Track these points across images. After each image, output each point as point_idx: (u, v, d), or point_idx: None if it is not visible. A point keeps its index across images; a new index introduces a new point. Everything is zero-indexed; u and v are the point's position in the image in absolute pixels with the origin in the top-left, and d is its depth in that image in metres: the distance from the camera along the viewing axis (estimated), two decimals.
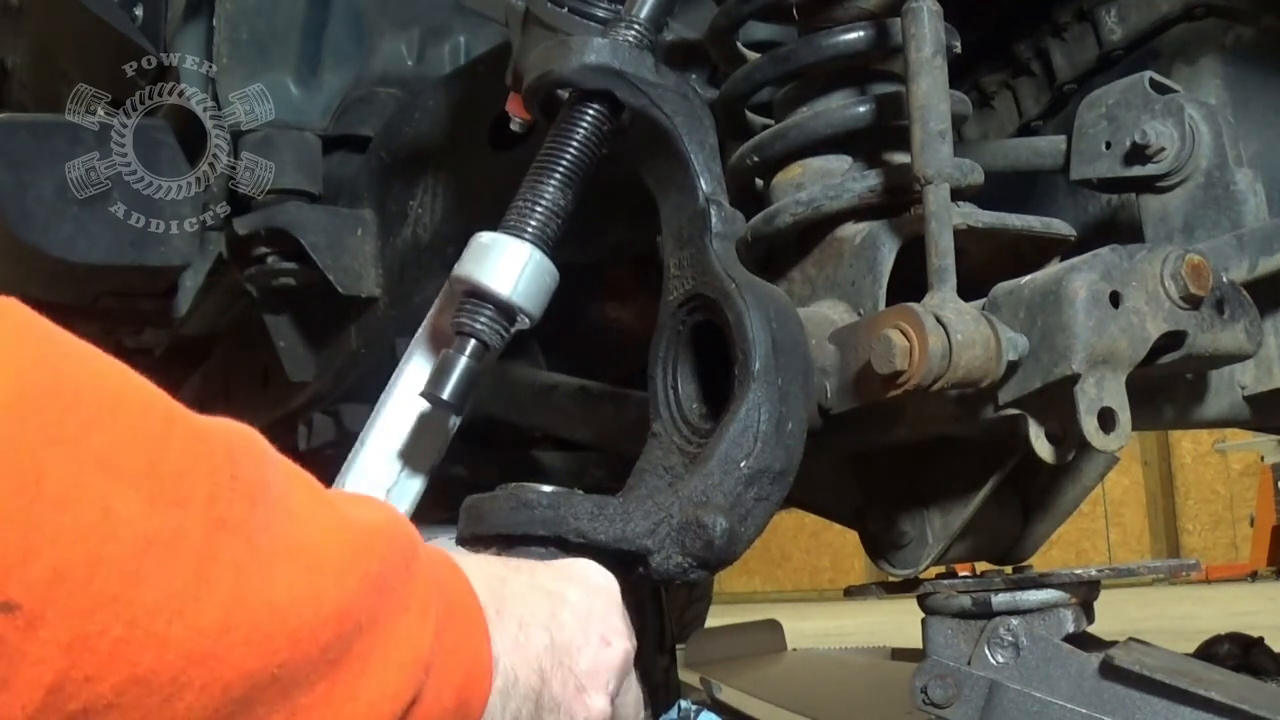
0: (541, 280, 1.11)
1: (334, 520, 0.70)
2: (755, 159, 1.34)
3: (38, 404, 0.58)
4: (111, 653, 0.58)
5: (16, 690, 0.57)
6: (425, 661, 0.72)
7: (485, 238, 1.11)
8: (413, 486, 1.18)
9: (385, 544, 0.72)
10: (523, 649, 0.83)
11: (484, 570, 0.85)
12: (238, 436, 0.69)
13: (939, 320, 1.04)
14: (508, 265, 1.09)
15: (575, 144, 1.13)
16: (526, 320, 1.11)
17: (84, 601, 0.58)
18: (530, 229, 1.11)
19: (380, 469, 1.17)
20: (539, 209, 1.11)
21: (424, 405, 1.14)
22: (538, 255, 1.10)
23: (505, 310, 1.10)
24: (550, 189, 1.12)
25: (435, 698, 0.73)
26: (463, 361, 1.08)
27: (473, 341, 1.09)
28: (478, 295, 1.09)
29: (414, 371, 1.17)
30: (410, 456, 1.18)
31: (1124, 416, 1.05)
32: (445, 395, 1.07)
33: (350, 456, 1.18)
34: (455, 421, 1.19)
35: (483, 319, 1.09)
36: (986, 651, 1.20)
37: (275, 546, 0.65)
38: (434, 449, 1.19)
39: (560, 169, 1.13)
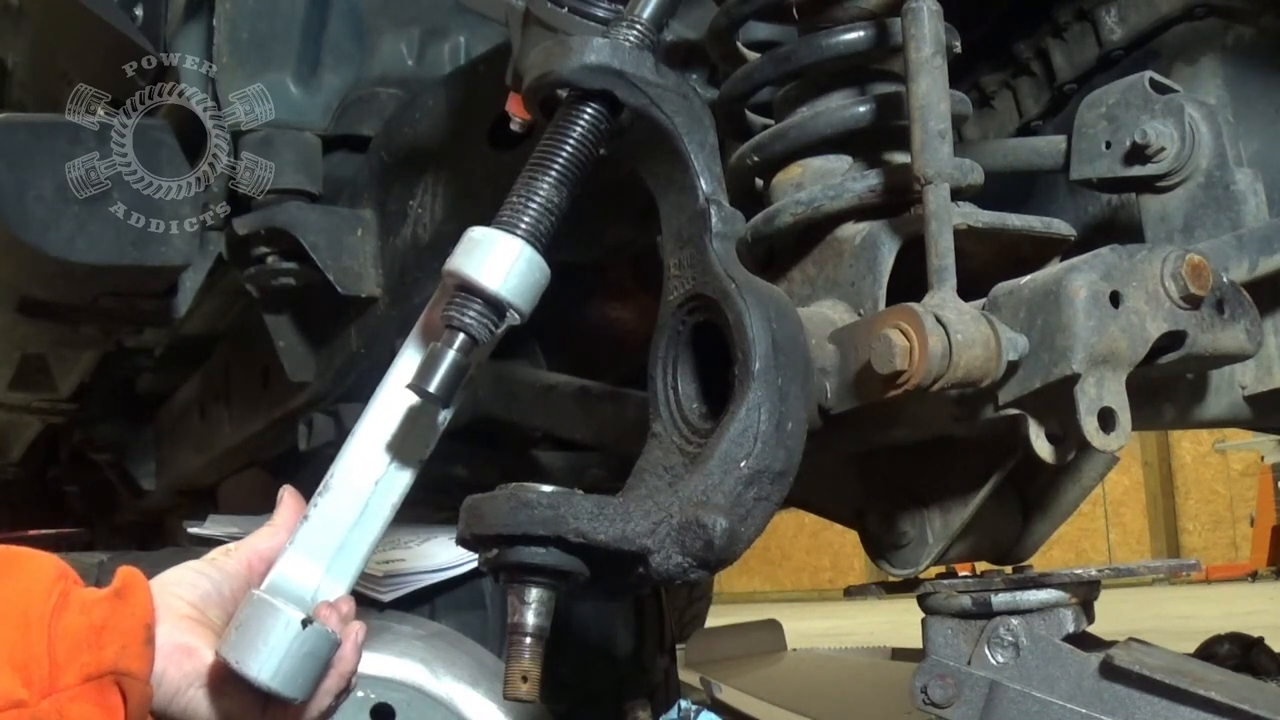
0: (532, 276, 1.10)
1: None
2: (755, 159, 1.34)
3: None
4: None
5: None
6: None
7: (477, 232, 1.11)
8: (401, 479, 1.18)
9: None
10: None
11: None
12: None
13: (939, 320, 1.04)
14: (498, 260, 1.09)
15: (571, 142, 1.13)
16: (516, 316, 1.11)
17: None
18: (523, 225, 1.10)
19: (369, 461, 1.17)
20: (532, 205, 1.11)
21: (414, 399, 1.14)
22: (529, 251, 1.10)
23: (494, 305, 1.09)
24: (544, 186, 1.12)
25: None
26: (450, 355, 1.07)
27: (461, 335, 1.08)
28: (467, 289, 1.09)
29: (407, 365, 1.17)
30: (399, 449, 1.17)
31: (1124, 416, 1.05)
32: (431, 388, 1.07)
33: (342, 448, 1.18)
34: (446, 415, 1.19)
35: (471, 313, 1.08)
36: (986, 651, 1.20)
37: None
38: (423, 442, 1.18)
39: (555, 167, 1.12)
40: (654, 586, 1.62)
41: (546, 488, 1.06)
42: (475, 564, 1.37)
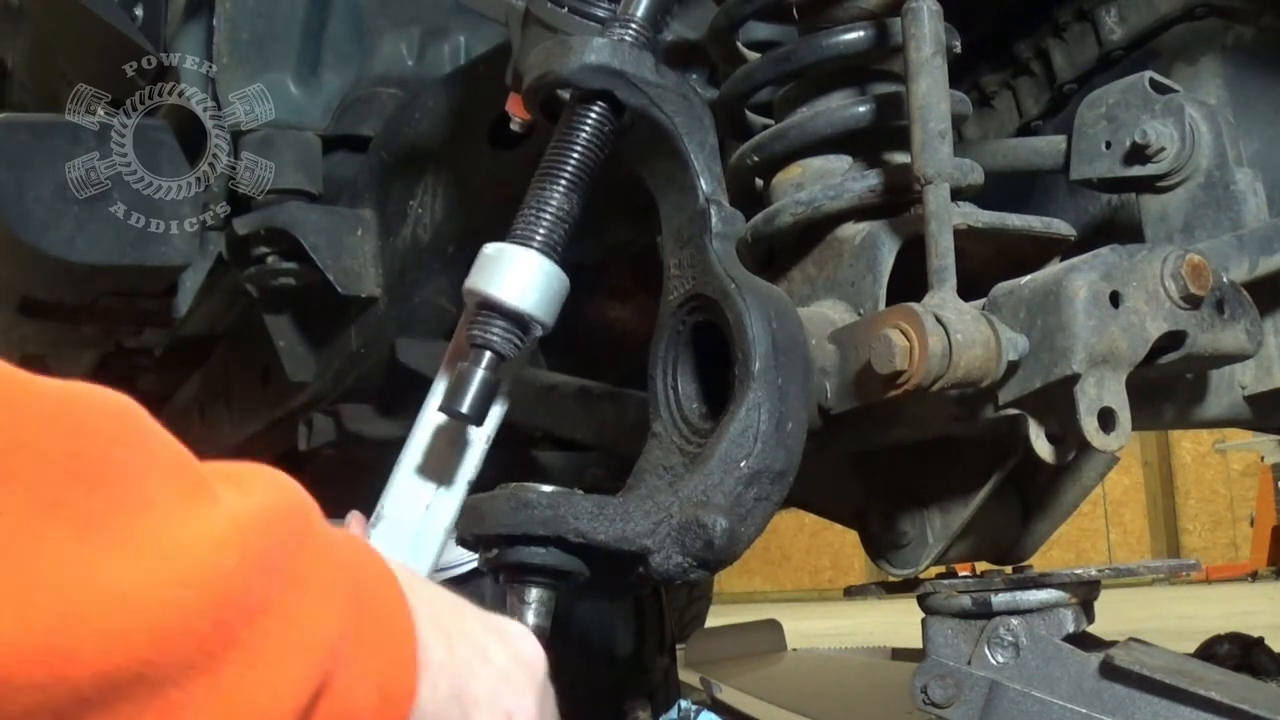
0: (551, 287, 1.11)
1: (200, 505, 0.63)
2: (755, 159, 1.34)
3: None
4: None
5: None
6: (331, 646, 0.65)
7: (492, 249, 1.11)
8: (451, 502, 1.19)
9: (266, 522, 0.64)
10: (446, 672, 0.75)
11: (413, 577, 0.80)
12: (92, 411, 0.62)
13: (939, 320, 1.04)
14: (516, 275, 1.10)
15: (579, 148, 1.13)
16: (540, 328, 1.12)
17: None
18: (538, 237, 1.11)
19: (417, 487, 1.18)
20: (545, 216, 1.12)
21: (452, 421, 1.15)
22: (546, 263, 1.11)
23: (517, 320, 1.10)
24: (556, 195, 1.12)
25: (349, 690, 0.66)
26: (478, 374, 1.09)
27: (487, 354, 1.09)
28: (488, 307, 1.10)
29: (443, 389, 1.18)
30: (444, 472, 1.18)
31: (1124, 416, 1.05)
32: (464, 409, 1.08)
33: (389, 479, 1.19)
34: (487, 433, 1.20)
35: (495, 330, 1.09)
36: (986, 651, 1.20)
37: (121, 535, 0.58)
38: (468, 462, 1.19)
39: (565, 174, 1.13)
40: (654, 586, 1.62)
41: (546, 488, 1.06)
42: (475, 564, 1.37)
